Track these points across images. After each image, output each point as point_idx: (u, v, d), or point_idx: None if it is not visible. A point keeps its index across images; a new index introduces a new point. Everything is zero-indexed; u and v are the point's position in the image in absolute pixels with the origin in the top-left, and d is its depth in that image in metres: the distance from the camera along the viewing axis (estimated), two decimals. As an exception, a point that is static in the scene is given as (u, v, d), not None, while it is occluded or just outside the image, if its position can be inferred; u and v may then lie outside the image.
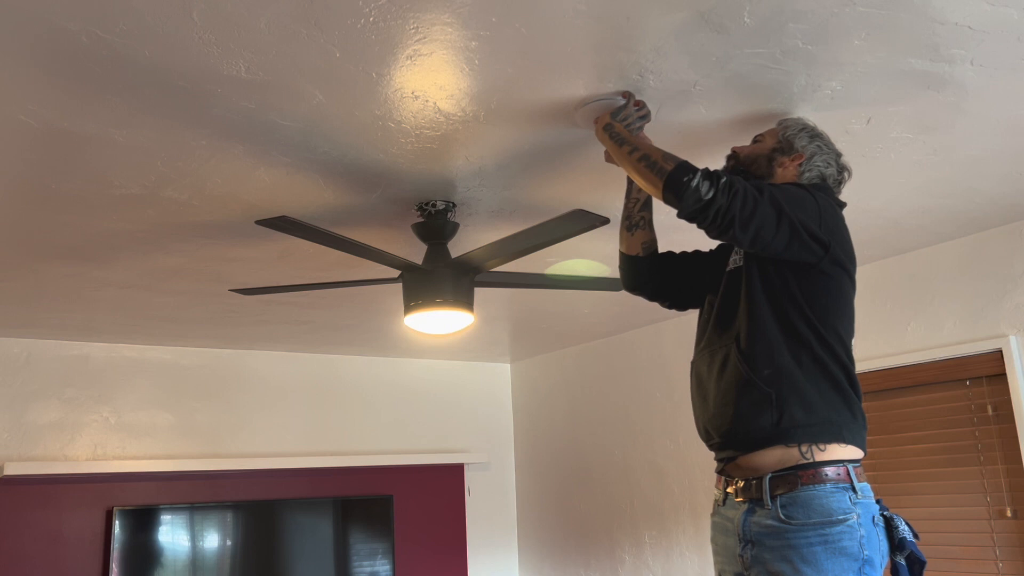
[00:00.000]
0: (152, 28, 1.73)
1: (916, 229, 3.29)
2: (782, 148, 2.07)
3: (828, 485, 1.75)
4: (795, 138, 2.06)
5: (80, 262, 3.23)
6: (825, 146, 2.06)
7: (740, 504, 1.86)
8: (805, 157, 2.03)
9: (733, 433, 1.86)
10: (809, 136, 2.07)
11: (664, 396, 4.82)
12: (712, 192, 1.78)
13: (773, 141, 2.09)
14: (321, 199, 2.71)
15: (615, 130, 2.03)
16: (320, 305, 4.05)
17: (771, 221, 1.80)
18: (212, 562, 4.68)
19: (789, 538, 1.74)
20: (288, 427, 5.22)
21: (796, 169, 2.04)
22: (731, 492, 1.89)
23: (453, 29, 1.79)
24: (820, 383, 1.83)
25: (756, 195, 1.81)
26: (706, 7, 1.76)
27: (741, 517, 1.84)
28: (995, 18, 1.84)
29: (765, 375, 1.83)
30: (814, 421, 1.79)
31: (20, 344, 4.55)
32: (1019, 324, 3.23)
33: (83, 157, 2.32)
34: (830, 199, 1.99)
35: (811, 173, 2.03)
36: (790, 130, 2.09)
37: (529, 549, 5.78)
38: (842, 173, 2.09)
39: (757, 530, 1.79)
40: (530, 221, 3.01)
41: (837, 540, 1.72)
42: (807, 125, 2.09)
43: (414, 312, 2.71)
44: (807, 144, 2.05)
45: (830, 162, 2.05)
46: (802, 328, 1.85)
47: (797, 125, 2.09)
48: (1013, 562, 3.18)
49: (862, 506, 1.76)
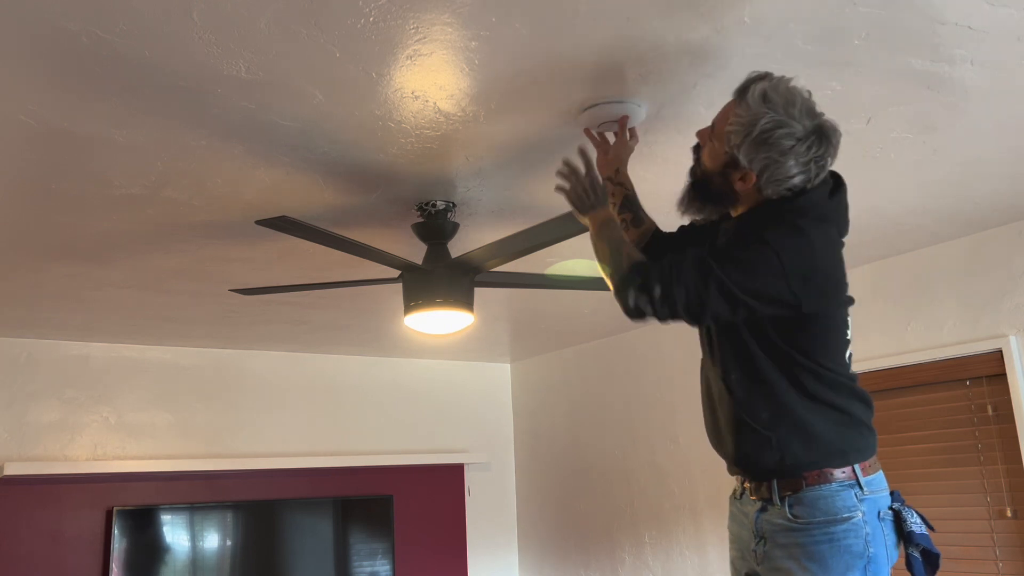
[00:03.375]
0: (152, 28, 1.73)
1: (916, 229, 3.29)
2: (731, 162, 1.76)
3: (834, 484, 1.75)
4: (739, 151, 1.72)
5: (80, 262, 3.23)
6: (780, 153, 1.69)
7: (754, 502, 1.86)
8: (755, 175, 1.73)
9: (739, 462, 1.87)
10: (755, 146, 1.70)
11: (664, 396, 4.82)
12: (649, 307, 1.76)
13: (722, 149, 1.78)
14: (321, 199, 2.71)
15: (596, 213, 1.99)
16: (320, 305, 4.05)
17: (725, 309, 1.71)
18: (212, 562, 4.68)
19: (797, 537, 1.75)
20: (288, 427, 5.22)
21: (753, 189, 1.76)
22: (747, 488, 1.90)
23: (453, 29, 1.79)
24: (821, 417, 1.76)
25: (700, 290, 1.70)
26: (706, 7, 1.76)
27: (755, 514, 1.85)
28: (995, 18, 1.84)
29: (763, 419, 1.78)
30: (818, 456, 1.76)
31: (20, 344, 4.55)
32: (1019, 324, 3.23)
33: (83, 157, 2.32)
34: (801, 227, 1.71)
35: (772, 190, 1.74)
36: (735, 137, 1.72)
37: (529, 549, 5.78)
38: (820, 158, 1.72)
39: (769, 527, 1.81)
40: (530, 221, 3.01)
41: (842, 538, 1.72)
42: (757, 124, 1.69)
43: (414, 312, 2.71)
44: (754, 158, 1.71)
45: (791, 171, 1.70)
46: (794, 364, 1.76)
47: (744, 126, 1.71)
48: (1013, 562, 3.18)
49: (868, 502, 1.75)
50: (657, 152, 2.47)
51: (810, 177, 1.74)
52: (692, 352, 4.59)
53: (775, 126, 1.68)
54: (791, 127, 1.69)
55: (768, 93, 1.71)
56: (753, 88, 1.74)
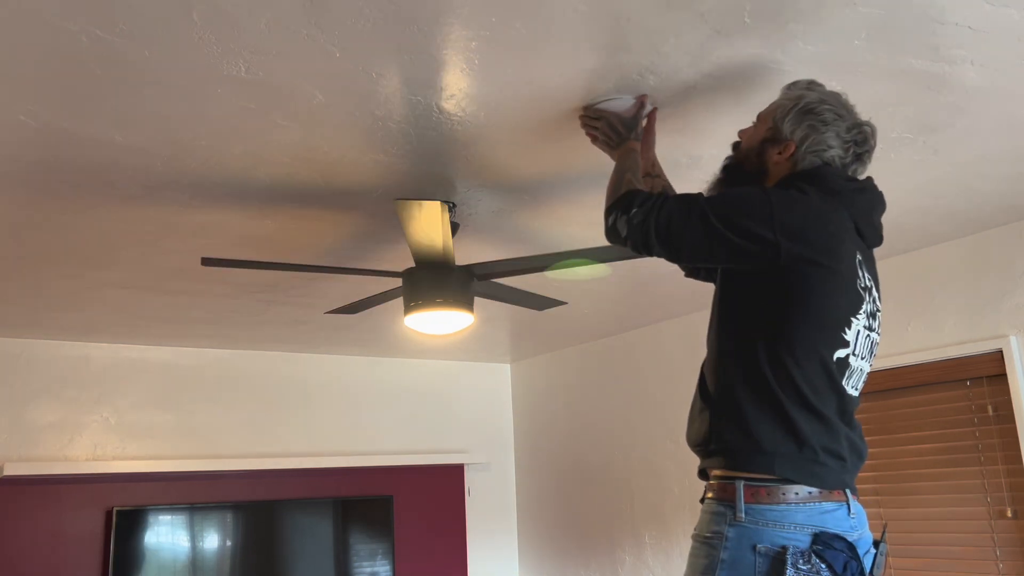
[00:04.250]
0: (152, 28, 1.73)
1: (916, 229, 3.29)
2: (772, 137, 1.79)
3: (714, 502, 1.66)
4: (783, 122, 1.77)
5: (80, 262, 3.23)
6: (823, 123, 1.75)
7: None
8: (795, 145, 1.75)
9: (689, 440, 1.80)
10: (800, 115, 1.76)
11: (664, 396, 4.82)
12: (626, 229, 1.78)
13: (764, 127, 1.83)
14: (321, 199, 2.71)
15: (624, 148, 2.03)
16: (320, 305, 4.05)
17: (701, 239, 1.68)
18: (212, 563, 4.68)
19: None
20: (288, 427, 5.22)
21: (788, 163, 1.77)
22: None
23: (453, 29, 1.79)
24: (760, 407, 1.63)
25: (679, 218, 1.70)
26: (706, 7, 1.76)
27: None
28: (995, 18, 1.84)
29: (709, 392, 1.72)
30: (743, 448, 1.63)
31: (20, 344, 4.55)
32: (1019, 324, 3.23)
33: (83, 157, 2.32)
34: (805, 189, 1.71)
35: (805, 163, 1.75)
36: (780, 110, 1.79)
37: (529, 549, 5.77)
38: (859, 147, 1.77)
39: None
40: (530, 221, 3.01)
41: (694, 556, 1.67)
42: (803, 99, 1.78)
43: (414, 312, 2.71)
44: (796, 127, 1.76)
45: (830, 142, 1.74)
46: (751, 342, 1.65)
47: (791, 100, 1.79)
48: (1013, 562, 3.18)
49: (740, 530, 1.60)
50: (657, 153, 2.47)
51: (845, 159, 1.77)
52: (692, 352, 4.60)
53: (820, 101, 1.77)
54: (834, 107, 1.77)
55: (814, 82, 1.84)
56: (799, 82, 1.85)
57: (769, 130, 1.80)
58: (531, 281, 3.70)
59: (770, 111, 1.83)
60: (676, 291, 4.12)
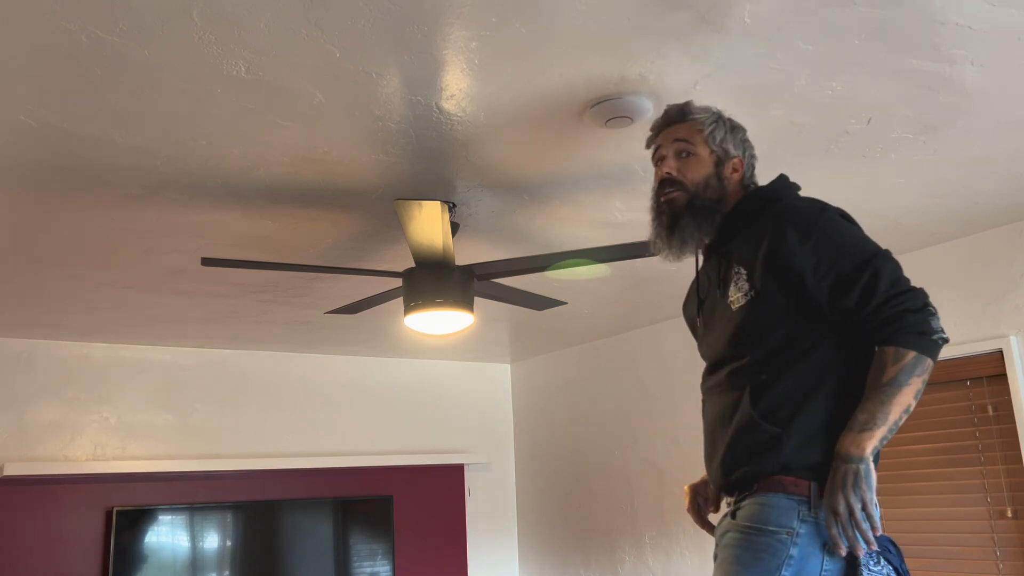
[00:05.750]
0: (152, 28, 1.73)
1: (916, 229, 3.29)
2: (720, 158, 1.77)
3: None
4: (727, 142, 1.78)
5: (80, 262, 3.23)
6: (743, 131, 1.81)
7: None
8: (742, 160, 1.79)
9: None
10: (732, 131, 1.79)
11: (664, 396, 4.82)
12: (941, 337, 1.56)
13: (707, 152, 1.78)
14: (322, 199, 2.71)
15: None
16: (320, 306, 4.05)
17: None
18: (212, 563, 4.68)
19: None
20: (288, 427, 5.22)
21: (739, 179, 1.78)
22: None
23: (453, 29, 1.79)
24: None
25: (907, 286, 1.58)
26: (706, 7, 1.76)
27: None
28: (995, 18, 1.84)
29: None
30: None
31: (20, 344, 4.55)
32: (1019, 324, 3.22)
33: (83, 157, 2.32)
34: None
35: (750, 172, 1.81)
36: (717, 133, 1.78)
37: (529, 549, 5.77)
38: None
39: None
40: (530, 221, 3.01)
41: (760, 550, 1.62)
42: (720, 117, 1.80)
43: (414, 312, 2.72)
44: (734, 142, 1.79)
45: (752, 148, 1.83)
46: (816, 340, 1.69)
47: (714, 122, 1.79)
48: (1013, 562, 3.18)
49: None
50: (657, 152, 2.47)
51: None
52: (692, 352, 4.60)
53: (726, 115, 1.82)
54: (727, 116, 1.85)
55: (691, 103, 1.84)
56: (686, 105, 1.81)
57: (713, 154, 1.77)
58: (531, 281, 3.70)
59: (702, 137, 1.78)
60: (676, 291, 4.12)
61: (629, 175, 2.62)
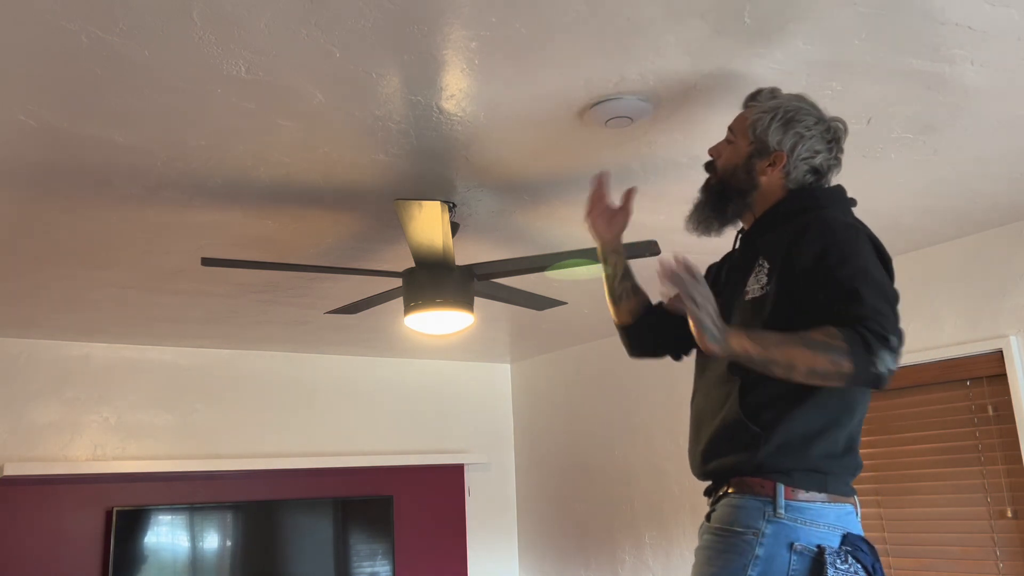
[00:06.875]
0: (152, 28, 1.73)
1: (916, 229, 3.29)
2: (757, 151, 1.75)
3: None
4: (767, 134, 1.74)
5: (80, 262, 3.23)
6: (806, 128, 1.73)
7: None
8: (786, 156, 1.73)
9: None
10: (784, 124, 1.73)
11: (664, 396, 4.82)
12: (893, 362, 1.62)
13: (746, 142, 1.77)
14: (322, 199, 2.71)
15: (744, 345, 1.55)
16: (320, 306, 4.05)
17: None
18: (212, 563, 4.68)
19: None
20: (288, 427, 5.22)
21: (781, 175, 1.74)
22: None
23: (453, 29, 1.79)
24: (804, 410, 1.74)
25: (891, 309, 1.66)
26: (706, 7, 1.76)
27: None
28: (995, 18, 1.84)
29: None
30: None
31: (20, 344, 4.55)
32: (1019, 324, 3.22)
33: (83, 157, 2.32)
34: (858, 224, 1.67)
35: (797, 172, 1.74)
36: (760, 124, 1.75)
37: (529, 549, 5.77)
38: (837, 145, 1.77)
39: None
40: (530, 221, 3.01)
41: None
42: (779, 107, 1.75)
43: (414, 312, 2.72)
44: (783, 137, 1.73)
45: (816, 147, 1.74)
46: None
47: (768, 112, 1.75)
48: (1013, 562, 3.18)
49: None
50: (657, 153, 2.47)
51: (830, 161, 1.77)
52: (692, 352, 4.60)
53: (797, 108, 1.76)
54: (810, 109, 1.77)
55: (777, 91, 1.83)
56: (762, 91, 1.83)
57: (751, 144, 1.76)
58: (531, 281, 3.70)
59: (746, 125, 1.78)
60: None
61: (629, 175, 2.63)
